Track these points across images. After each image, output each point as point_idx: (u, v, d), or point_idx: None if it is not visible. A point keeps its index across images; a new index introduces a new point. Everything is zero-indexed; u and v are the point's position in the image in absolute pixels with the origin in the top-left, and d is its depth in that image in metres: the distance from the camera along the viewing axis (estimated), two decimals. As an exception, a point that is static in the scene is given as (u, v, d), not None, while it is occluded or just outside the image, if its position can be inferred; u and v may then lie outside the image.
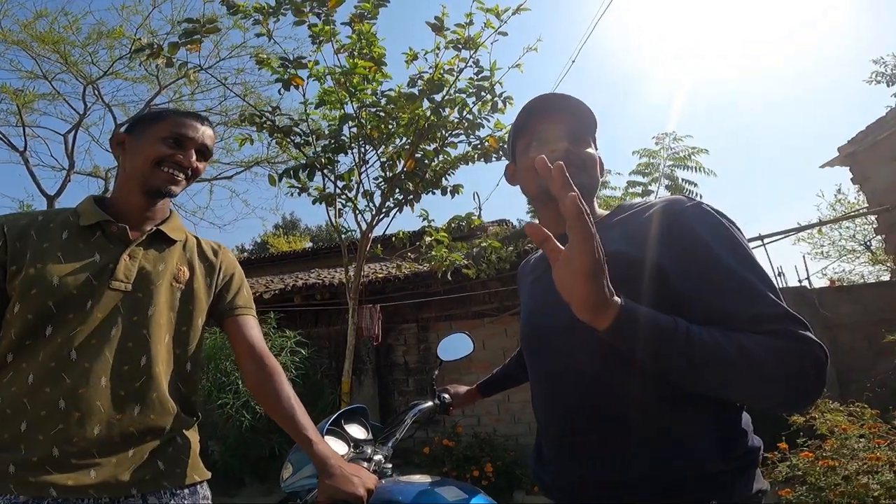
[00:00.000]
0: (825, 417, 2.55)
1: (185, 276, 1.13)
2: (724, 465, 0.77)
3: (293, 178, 3.88)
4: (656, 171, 7.26)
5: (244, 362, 1.16)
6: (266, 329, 5.77)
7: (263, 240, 24.46)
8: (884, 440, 2.34)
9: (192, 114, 1.18)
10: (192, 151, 1.12)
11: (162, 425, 1.03)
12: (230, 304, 1.19)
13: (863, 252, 11.24)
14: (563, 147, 0.94)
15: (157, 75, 10.29)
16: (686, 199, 0.86)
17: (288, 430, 1.08)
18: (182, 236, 1.18)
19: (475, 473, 4.87)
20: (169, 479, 1.02)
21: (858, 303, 5.03)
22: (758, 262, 0.78)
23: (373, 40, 3.58)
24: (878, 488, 2.08)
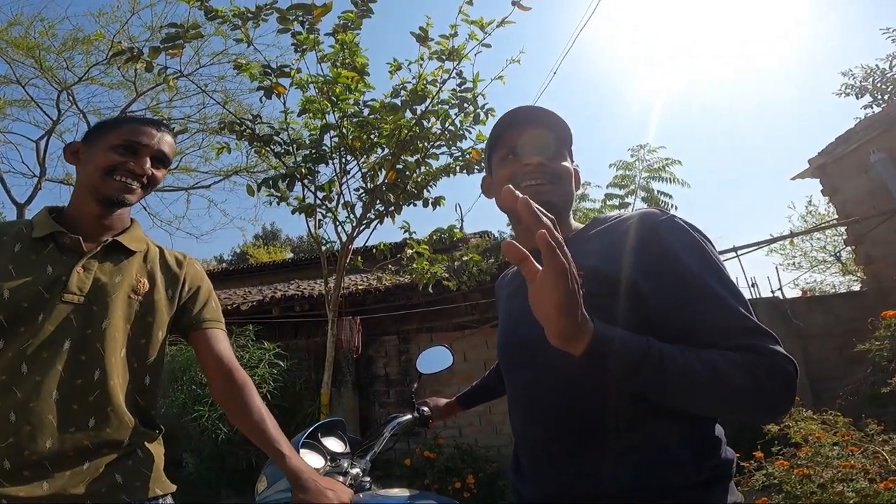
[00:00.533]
0: (799, 426, 2.58)
1: (144, 288, 1.10)
2: (696, 477, 0.77)
3: (272, 187, 3.84)
4: (632, 183, 7.38)
5: (212, 376, 1.14)
6: (244, 341, 5.68)
7: (243, 250, 24.13)
8: (857, 448, 2.37)
9: (149, 120, 1.16)
10: (146, 159, 1.10)
11: (119, 438, 1.01)
12: (196, 317, 1.17)
13: (833, 263, 11.56)
14: (536, 161, 0.94)
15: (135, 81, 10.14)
16: (659, 213, 0.86)
17: (259, 444, 1.06)
18: (142, 247, 1.16)
19: (457, 485, 4.83)
20: (127, 492, 1.00)
21: (830, 313, 5.17)
22: (729, 277, 0.79)
23: (356, 50, 3.59)
24: (854, 496, 2.11)
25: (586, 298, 0.81)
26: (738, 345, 0.72)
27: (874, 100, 7.09)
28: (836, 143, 5.66)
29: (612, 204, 7.44)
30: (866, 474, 2.19)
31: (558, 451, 0.86)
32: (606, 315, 0.78)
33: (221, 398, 1.13)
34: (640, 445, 0.78)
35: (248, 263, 15.52)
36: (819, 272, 12.89)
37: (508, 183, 0.98)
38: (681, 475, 0.77)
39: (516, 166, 0.96)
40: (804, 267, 12.77)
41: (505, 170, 0.98)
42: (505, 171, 0.98)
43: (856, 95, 7.18)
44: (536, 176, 0.94)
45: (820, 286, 12.65)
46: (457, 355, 1.63)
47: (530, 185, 0.94)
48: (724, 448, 0.83)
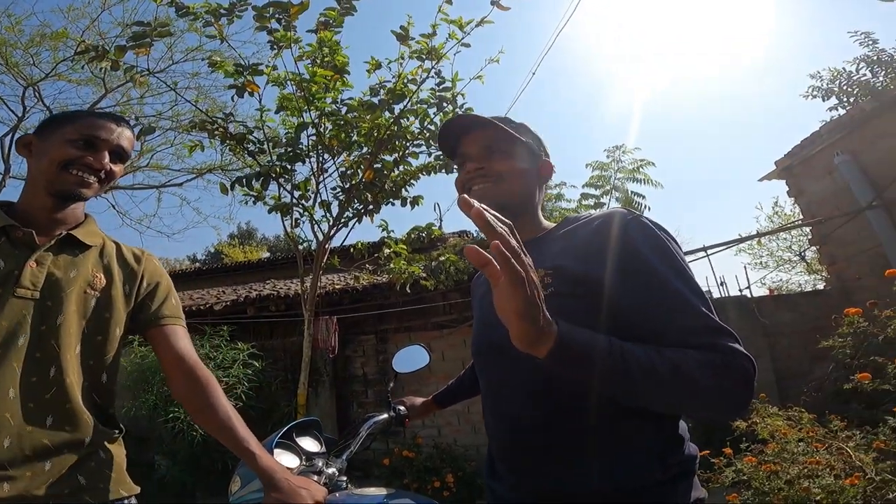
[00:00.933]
0: (766, 422, 2.61)
1: (101, 283, 1.08)
2: (662, 474, 0.79)
3: (246, 186, 3.78)
4: (608, 183, 7.49)
5: (173, 375, 1.11)
6: (218, 342, 5.59)
7: (217, 249, 23.68)
8: (821, 444, 2.41)
9: (107, 114, 1.13)
10: (104, 153, 1.08)
11: (79, 438, 0.98)
12: (155, 313, 1.14)
13: (798, 262, 11.94)
14: (473, 167, 1.00)
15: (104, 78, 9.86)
16: (626, 212, 0.88)
17: (227, 443, 1.04)
18: (98, 241, 1.13)
19: (436, 484, 4.84)
20: (91, 493, 0.98)
21: (795, 311, 5.34)
22: (692, 277, 0.81)
23: (336, 48, 3.56)
24: (820, 492, 2.13)
25: (555, 297, 0.82)
26: (700, 343, 0.74)
27: (840, 102, 7.27)
28: (802, 146, 5.83)
29: (587, 204, 7.54)
30: (831, 470, 2.22)
31: (527, 450, 0.88)
32: (574, 314, 0.80)
33: (184, 397, 1.11)
34: (608, 444, 0.80)
35: (223, 263, 15.23)
36: (785, 271, 13.30)
37: (462, 188, 1.03)
38: (647, 473, 0.79)
39: (463, 173, 1.02)
40: (771, 266, 13.17)
41: (459, 178, 1.04)
42: (459, 179, 1.04)
43: (822, 98, 7.34)
44: (478, 180, 0.99)
45: (786, 285, 13.04)
46: (435, 354, 1.64)
47: (475, 189, 0.98)
48: (688, 444, 0.85)
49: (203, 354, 5.30)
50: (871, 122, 5.07)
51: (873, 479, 2.12)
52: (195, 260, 24.90)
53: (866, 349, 2.99)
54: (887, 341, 2.93)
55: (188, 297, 7.94)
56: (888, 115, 4.90)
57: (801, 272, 12.57)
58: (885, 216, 4.94)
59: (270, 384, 5.87)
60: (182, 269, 15.06)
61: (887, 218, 4.94)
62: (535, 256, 0.92)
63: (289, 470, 1.06)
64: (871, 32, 6.84)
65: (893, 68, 6.75)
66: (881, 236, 4.94)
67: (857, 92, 6.96)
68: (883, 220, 4.94)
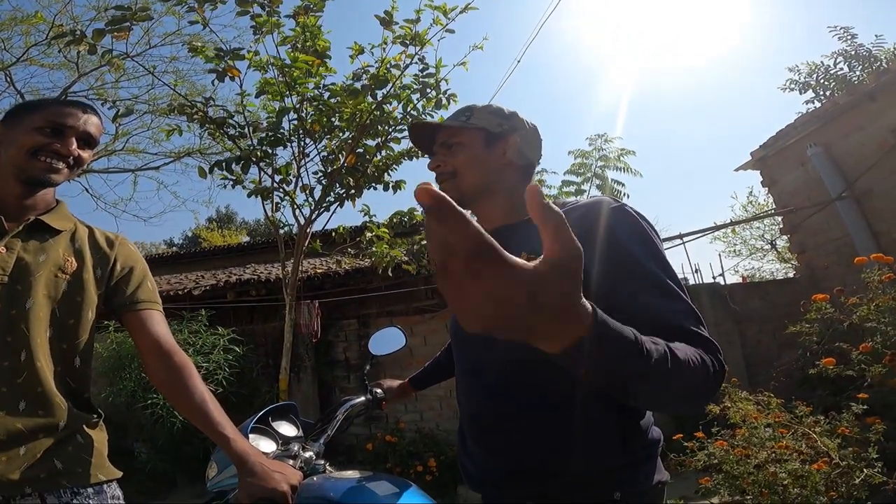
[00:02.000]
0: (737, 406, 2.65)
1: (72, 267, 1.08)
2: (626, 457, 0.82)
3: (226, 170, 3.72)
4: (589, 171, 7.57)
5: (149, 360, 1.12)
6: (196, 327, 5.53)
7: (196, 234, 23.29)
8: (787, 429, 2.45)
9: (73, 102, 1.14)
10: (71, 139, 1.09)
11: (54, 422, 0.99)
12: (130, 297, 1.15)
13: (770, 250, 12.22)
14: (432, 167, 1.07)
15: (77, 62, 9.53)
16: (610, 201, 0.89)
17: (202, 428, 1.05)
18: (69, 226, 1.14)
19: (419, 469, 4.90)
20: (68, 477, 0.99)
21: (765, 298, 5.49)
22: (670, 265, 0.83)
23: (317, 33, 3.50)
24: (787, 476, 2.17)
25: None
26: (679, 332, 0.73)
27: (816, 95, 7.38)
28: (777, 137, 5.92)
29: (567, 191, 7.61)
30: (799, 455, 2.26)
31: (496, 430, 0.90)
32: None
33: (160, 382, 1.12)
34: (574, 426, 0.82)
35: (201, 247, 15.00)
36: (757, 259, 13.59)
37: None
38: (612, 454, 0.81)
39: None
40: (744, 254, 13.47)
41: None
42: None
43: (799, 90, 7.44)
44: (439, 179, 1.05)
45: (759, 273, 13.35)
46: (417, 339, 1.65)
47: (443, 186, 1.04)
48: (652, 428, 0.88)
49: (182, 340, 5.25)
50: (844, 116, 5.18)
51: (838, 465, 2.18)
52: (172, 244, 24.50)
53: (832, 335, 3.10)
54: (852, 328, 3.04)
55: (165, 281, 7.81)
56: (861, 108, 5.00)
57: (773, 260, 12.89)
58: (854, 207, 5.08)
59: (251, 369, 5.84)
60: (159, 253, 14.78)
61: (856, 209, 5.08)
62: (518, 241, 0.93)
63: (265, 454, 1.07)
64: (850, 27, 6.94)
65: (870, 63, 6.86)
66: (849, 226, 5.08)
67: (834, 86, 7.08)
68: (852, 211, 5.08)
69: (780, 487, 2.19)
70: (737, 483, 2.36)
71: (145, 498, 5.04)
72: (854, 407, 2.46)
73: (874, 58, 6.86)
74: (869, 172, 4.85)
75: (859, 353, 2.66)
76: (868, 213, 5.04)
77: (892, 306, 2.82)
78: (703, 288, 5.51)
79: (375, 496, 1.05)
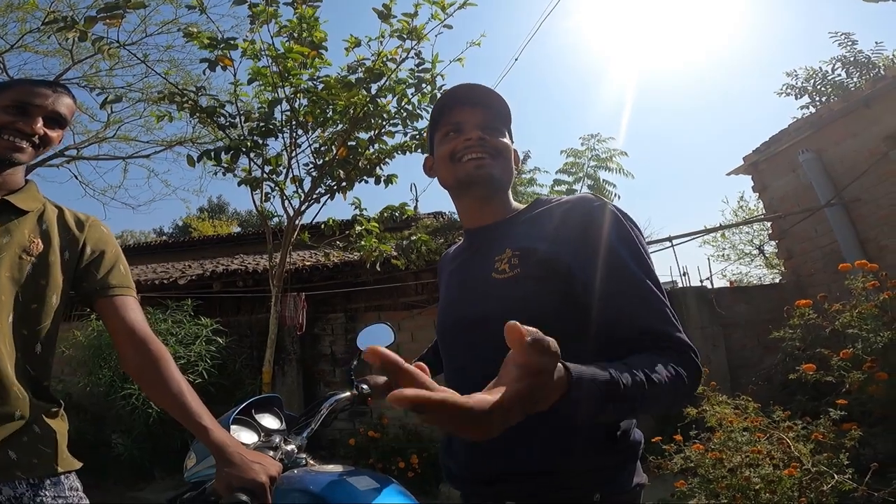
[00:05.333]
0: (715, 409, 2.67)
1: (37, 249, 1.05)
2: (608, 458, 0.82)
3: (214, 159, 3.68)
4: (581, 170, 7.59)
5: (123, 347, 1.09)
6: (181, 316, 5.46)
7: (186, 223, 23.07)
8: (763, 434, 2.47)
9: (44, 82, 1.12)
10: (37, 118, 1.06)
11: (9, 411, 0.96)
12: (102, 282, 1.11)
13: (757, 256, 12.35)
14: (476, 135, 0.95)
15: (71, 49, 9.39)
16: (594, 198, 0.89)
17: (179, 418, 1.03)
18: (37, 206, 1.10)
19: (401, 465, 4.89)
20: (23, 469, 0.96)
21: (751, 303, 5.54)
22: (650, 265, 0.84)
23: (314, 24, 3.47)
24: (759, 481, 2.19)
25: (521, 280, 0.84)
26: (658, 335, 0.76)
27: (812, 101, 7.36)
28: (770, 142, 5.96)
29: (559, 190, 7.63)
30: (771, 460, 2.28)
31: None
32: (538, 298, 0.81)
33: (135, 371, 1.09)
34: (558, 427, 0.82)
35: (191, 236, 14.86)
36: (745, 264, 13.75)
37: (449, 157, 0.98)
38: (596, 456, 0.81)
39: (457, 142, 0.97)
40: (732, 259, 13.61)
41: (446, 146, 0.99)
42: (446, 147, 0.99)
43: (795, 96, 7.42)
44: (477, 150, 0.95)
45: (746, 278, 13.51)
46: (405, 335, 1.64)
47: (472, 158, 0.95)
48: (634, 430, 0.88)
49: (164, 329, 5.19)
50: (837, 122, 5.21)
51: (809, 471, 2.20)
52: (162, 233, 24.24)
53: (814, 341, 3.14)
54: (834, 334, 3.08)
55: (151, 270, 7.73)
56: (855, 115, 5.03)
57: (760, 266, 13.03)
58: (843, 214, 5.13)
59: (235, 361, 5.80)
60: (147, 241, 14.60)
61: (845, 216, 5.13)
62: (503, 237, 0.94)
63: (245, 445, 1.06)
64: (850, 33, 6.94)
65: (868, 70, 6.89)
66: (837, 233, 5.13)
67: (830, 92, 7.08)
68: (840, 218, 5.13)
69: (752, 492, 2.20)
70: (711, 487, 2.38)
71: (123, 489, 4.98)
72: (832, 413, 2.48)
73: (872, 64, 6.87)
74: (859, 180, 4.90)
75: (839, 360, 2.70)
76: (856, 221, 5.08)
77: (874, 313, 2.86)
78: (690, 291, 5.55)
79: (355, 491, 1.04)
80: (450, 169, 0.98)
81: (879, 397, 2.75)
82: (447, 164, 0.98)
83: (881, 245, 4.83)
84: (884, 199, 4.79)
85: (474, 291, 0.94)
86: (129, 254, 8.77)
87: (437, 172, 1.04)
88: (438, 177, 1.04)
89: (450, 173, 0.99)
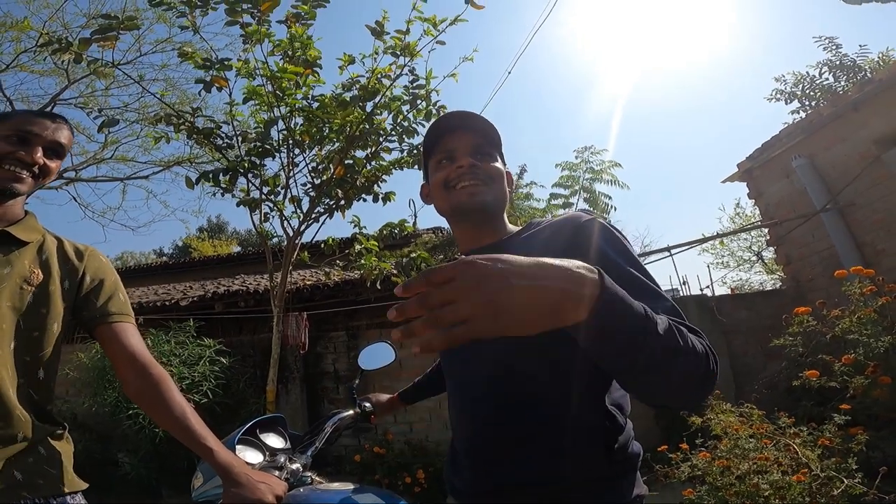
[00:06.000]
0: (719, 418, 2.67)
1: (38, 279, 1.08)
2: (608, 469, 0.83)
3: (213, 181, 3.72)
4: (576, 183, 7.64)
5: (125, 373, 1.11)
6: (183, 338, 5.47)
7: (186, 243, 23.12)
8: (770, 440, 2.47)
9: (44, 113, 1.15)
10: (37, 148, 1.09)
11: (12, 433, 0.98)
12: (101, 310, 1.14)
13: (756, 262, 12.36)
14: (468, 162, 0.98)
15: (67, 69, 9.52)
16: (583, 214, 0.92)
17: (184, 440, 1.05)
18: (37, 237, 1.13)
19: (407, 480, 4.85)
20: (29, 489, 0.98)
21: (752, 310, 5.54)
22: (645, 269, 0.84)
23: (308, 43, 3.53)
24: (768, 488, 2.18)
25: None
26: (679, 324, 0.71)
27: (801, 106, 7.41)
28: (763, 149, 6.00)
29: (556, 203, 7.67)
30: (779, 466, 2.27)
31: (485, 445, 0.91)
32: None
33: (137, 396, 1.11)
34: (560, 440, 0.83)
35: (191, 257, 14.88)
36: (744, 271, 13.75)
37: (443, 185, 1.00)
38: (596, 467, 0.82)
39: (450, 170, 1.00)
40: (732, 266, 13.62)
41: (440, 174, 1.02)
42: (440, 175, 1.01)
43: (785, 101, 7.46)
44: (470, 177, 0.98)
45: (747, 284, 13.50)
46: (406, 351, 1.65)
47: (465, 185, 0.98)
48: (633, 442, 0.89)
49: (168, 350, 5.20)
50: (828, 127, 5.26)
51: (818, 476, 2.19)
52: (162, 254, 24.28)
53: (815, 347, 3.14)
54: (835, 340, 3.09)
55: (153, 291, 7.74)
56: (844, 119, 5.07)
57: (760, 272, 13.04)
58: (838, 219, 5.16)
59: (238, 381, 5.79)
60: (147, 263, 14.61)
61: (840, 220, 5.16)
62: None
63: (250, 465, 1.07)
64: (835, 37, 7.04)
65: (855, 73, 6.96)
66: (834, 238, 5.16)
67: (819, 96, 7.15)
68: (836, 223, 5.15)
69: (762, 499, 2.20)
70: (720, 494, 2.37)
71: (131, 509, 4.95)
72: (836, 418, 2.48)
73: (858, 67, 6.94)
74: (853, 184, 4.93)
75: (842, 365, 2.70)
76: (852, 225, 5.11)
77: (873, 318, 2.87)
78: (691, 300, 5.56)
79: (362, 509, 1.05)
80: (444, 197, 1.01)
81: (884, 401, 2.75)
82: (442, 191, 1.01)
83: (878, 249, 4.84)
84: (878, 202, 4.82)
85: None
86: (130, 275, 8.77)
87: (433, 200, 1.06)
88: (435, 204, 1.07)
89: (445, 201, 1.01)
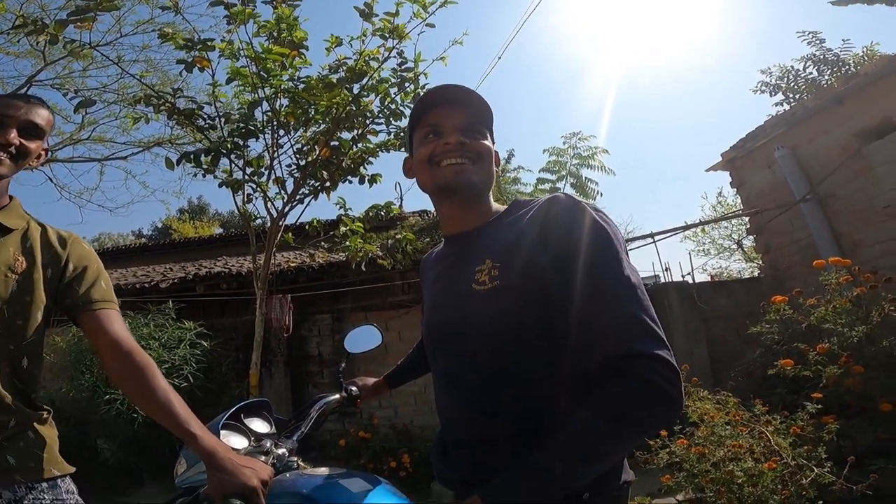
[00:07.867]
0: (696, 405, 2.72)
1: (22, 267, 1.07)
2: None
3: (194, 162, 3.63)
4: (563, 168, 7.66)
5: (109, 360, 1.10)
6: (163, 320, 5.39)
7: (166, 224, 22.68)
8: (745, 427, 2.51)
9: (18, 95, 1.15)
10: (12, 130, 1.07)
11: (3, 420, 1.00)
12: (84, 297, 1.13)
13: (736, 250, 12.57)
14: (456, 139, 0.93)
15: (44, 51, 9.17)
16: (564, 198, 0.87)
17: (168, 426, 1.04)
18: (21, 224, 1.12)
19: (392, 465, 4.90)
20: (22, 473, 1.01)
21: (731, 297, 5.66)
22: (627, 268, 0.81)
23: (294, 24, 3.44)
24: (742, 475, 2.23)
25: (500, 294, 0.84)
26: (623, 359, 0.74)
27: (786, 98, 7.52)
28: (746, 139, 6.08)
29: (542, 188, 7.69)
30: (752, 454, 2.32)
31: (471, 436, 0.91)
32: (518, 310, 0.82)
33: (121, 382, 1.11)
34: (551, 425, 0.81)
35: (171, 238, 14.64)
36: (724, 259, 14.01)
37: (428, 161, 0.95)
38: None
39: (436, 145, 0.95)
40: (712, 253, 13.86)
41: (425, 149, 0.96)
42: (425, 149, 0.96)
43: (770, 93, 7.56)
44: (457, 154, 0.93)
45: (727, 271, 13.76)
46: (392, 334, 1.65)
47: (451, 163, 0.93)
48: None
49: (147, 334, 5.13)
50: (811, 119, 5.34)
51: (789, 464, 2.25)
52: (141, 236, 23.79)
53: (791, 335, 3.21)
54: (810, 328, 3.16)
55: (131, 273, 7.60)
56: (828, 112, 5.15)
57: (740, 260, 13.28)
58: (817, 209, 5.27)
59: (220, 365, 5.74)
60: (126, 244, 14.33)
61: (820, 211, 5.26)
62: (484, 245, 0.93)
63: (236, 450, 1.06)
64: (818, 32, 7.13)
65: (839, 67, 7.07)
66: (812, 229, 5.27)
67: (804, 89, 7.26)
68: (815, 213, 5.26)
69: (736, 486, 2.25)
70: (696, 481, 2.42)
71: (111, 494, 4.90)
72: (809, 406, 2.53)
73: (842, 62, 7.05)
74: (833, 176, 5.02)
75: (816, 354, 2.77)
76: (830, 216, 5.21)
77: (848, 308, 2.94)
78: (672, 286, 5.64)
79: (347, 492, 1.05)
80: (428, 173, 0.96)
81: (856, 390, 2.81)
82: (426, 167, 0.96)
83: (855, 240, 4.96)
84: (857, 194, 4.92)
85: (456, 301, 0.94)
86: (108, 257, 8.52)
87: (416, 175, 1.02)
88: (417, 179, 1.02)
89: (428, 177, 0.97)
